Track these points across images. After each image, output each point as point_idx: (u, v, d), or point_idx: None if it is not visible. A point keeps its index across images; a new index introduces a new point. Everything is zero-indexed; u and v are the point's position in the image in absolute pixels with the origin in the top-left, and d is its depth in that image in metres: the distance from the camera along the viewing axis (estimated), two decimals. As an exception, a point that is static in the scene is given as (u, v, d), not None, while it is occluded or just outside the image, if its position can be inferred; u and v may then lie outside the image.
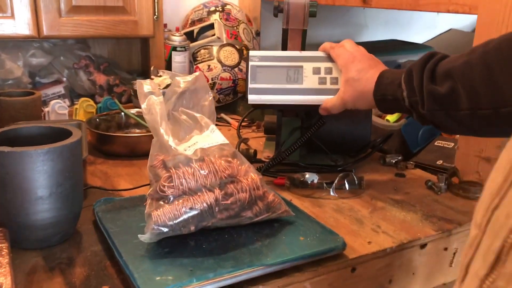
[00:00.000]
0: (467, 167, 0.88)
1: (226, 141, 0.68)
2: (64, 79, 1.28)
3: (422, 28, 2.08)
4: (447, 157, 1.02)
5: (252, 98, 0.85)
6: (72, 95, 1.29)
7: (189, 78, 0.75)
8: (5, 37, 1.13)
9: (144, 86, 0.72)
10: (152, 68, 1.28)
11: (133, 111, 1.14)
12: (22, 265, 0.60)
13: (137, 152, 1.01)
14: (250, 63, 0.85)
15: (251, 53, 0.87)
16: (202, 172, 0.63)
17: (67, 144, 0.61)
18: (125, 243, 0.62)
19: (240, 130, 1.19)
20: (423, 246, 0.72)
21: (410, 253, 0.71)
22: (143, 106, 0.70)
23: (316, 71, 0.84)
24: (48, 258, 0.62)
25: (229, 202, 0.63)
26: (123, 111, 1.13)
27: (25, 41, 1.23)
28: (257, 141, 1.14)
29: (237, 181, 0.65)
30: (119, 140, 1.01)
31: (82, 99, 1.20)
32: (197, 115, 0.72)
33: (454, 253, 0.76)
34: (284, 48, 0.96)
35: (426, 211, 0.79)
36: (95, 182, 0.88)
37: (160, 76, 1.28)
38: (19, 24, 1.12)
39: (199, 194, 0.62)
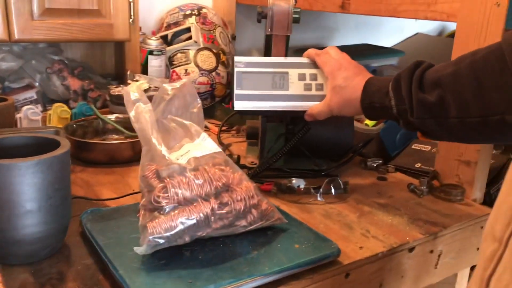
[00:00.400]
0: (447, 171, 0.91)
1: (219, 149, 0.68)
2: (36, 83, 1.23)
3: (390, 32, 2.12)
4: (424, 160, 1.05)
5: (239, 105, 0.84)
6: (45, 100, 1.25)
7: (177, 85, 0.74)
8: (-27, 41, 1.08)
9: (131, 93, 0.70)
10: (128, 73, 1.25)
11: (112, 116, 1.11)
12: (10, 282, 0.58)
13: (117, 159, 0.99)
14: (236, 69, 0.85)
15: (236, 59, 0.86)
16: (197, 181, 0.62)
17: (57, 155, 0.59)
18: (118, 255, 0.60)
19: (220, 135, 1.19)
20: (411, 249, 0.73)
21: (399, 256, 0.72)
22: (131, 114, 0.69)
23: (302, 77, 0.85)
24: (37, 274, 0.60)
25: (224, 211, 0.62)
26: (100, 117, 1.11)
27: (-6, 44, 1.18)
28: (238, 146, 1.14)
29: (232, 190, 0.64)
30: (99, 147, 0.99)
31: (56, 104, 1.17)
32: (187, 122, 0.71)
33: (439, 255, 0.78)
34: (267, 53, 0.96)
35: (411, 214, 0.81)
36: (77, 191, 0.85)
37: (137, 80, 1.25)
38: (-11, 27, 1.08)
39: (194, 204, 0.61)
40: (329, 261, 0.64)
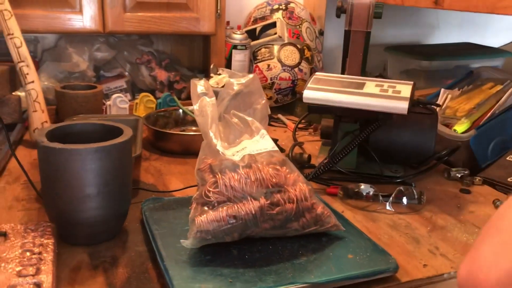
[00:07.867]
0: (543, 188, 0.80)
1: (276, 148, 0.66)
2: (127, 73, 1.30)
3: (500, 30, 1.93)
4: (520, 174, 0.94)
5: (308, 96, 0.81)
6: (134, 89, 1.31)
7: (243, 80, 0.73)
8: (73, 32, 1.16)
9: (198, 86, 0.70)
10: (211, 66, 1.27)
11: (193, 108, 1.14)
12: (68, 260, 0.61)
13: (192, 150, 1.00)
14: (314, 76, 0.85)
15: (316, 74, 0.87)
16: (248, 179, 0.60)
17: (116, 144, 0.61)
18: (168, 246, 0.61)
19: (296, 133, 1.16)
20: (485, 273, 0.65)
21: (470, 280, 0.65)
22: (195, 107, 0.69)
23: (379, 85, 0.81)
24: (93, 256, 0.63)
25: (274, 212, 0.60)
26: (181, 108, 1.14)
27: (91, 35, 1.26)
28: (313, 145, 1.11)
29: (285, 190, 0.62)
30: (174, 137, 1.01)
31: (143, 94, 1.22)
32: (249, 119, 0.70)
33: (522, 283, 0.69)
34: (346, 49, 0.92)
35: (492, 234, 0.72)
36: (147, 179, 0.88)
37: (220, 74, 1.27)
38: (86, 19, 1.15)
39: (244, 202, 0.59)
40: (384, 277, 0.59)
